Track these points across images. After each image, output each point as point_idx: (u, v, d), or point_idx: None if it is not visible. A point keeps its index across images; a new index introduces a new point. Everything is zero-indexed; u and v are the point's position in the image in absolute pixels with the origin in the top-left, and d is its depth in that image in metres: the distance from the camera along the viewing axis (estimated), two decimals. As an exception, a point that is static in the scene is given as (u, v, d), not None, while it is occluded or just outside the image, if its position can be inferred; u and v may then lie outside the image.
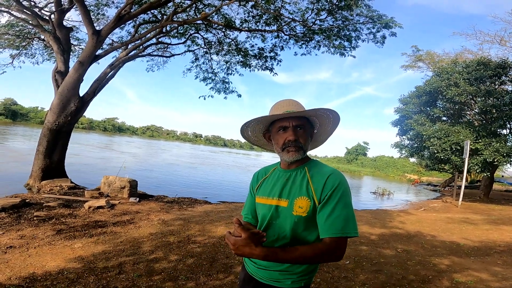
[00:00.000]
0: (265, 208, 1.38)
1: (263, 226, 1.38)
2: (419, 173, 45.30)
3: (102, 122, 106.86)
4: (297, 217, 1.27)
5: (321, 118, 1.40)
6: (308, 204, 1.26)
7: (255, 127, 1.47)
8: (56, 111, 8.66)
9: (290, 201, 1.30)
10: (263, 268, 1.35)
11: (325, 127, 1.45)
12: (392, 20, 10.11)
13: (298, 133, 1.33)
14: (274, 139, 1.39)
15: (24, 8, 9.28)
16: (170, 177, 15.88)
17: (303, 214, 1.26)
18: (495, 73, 14.26)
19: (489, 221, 9.08)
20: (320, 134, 1.51)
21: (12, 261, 3.35)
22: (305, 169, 1.36)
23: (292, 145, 1.32)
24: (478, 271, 4.29)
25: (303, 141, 1.34)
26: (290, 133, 1.32)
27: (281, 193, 1.34)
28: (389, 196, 18.24)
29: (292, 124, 1.32)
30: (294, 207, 1.28)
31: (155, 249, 4.14)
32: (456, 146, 13.87)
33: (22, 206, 5.65)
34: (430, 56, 25.74)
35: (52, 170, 8.70)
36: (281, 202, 1.33)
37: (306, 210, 1.26)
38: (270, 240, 1.34)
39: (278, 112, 1.34)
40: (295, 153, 1.32)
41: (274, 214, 1.34)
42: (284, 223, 1.30)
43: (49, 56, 13.47)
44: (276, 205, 1.34)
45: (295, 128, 1.33)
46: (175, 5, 9.22)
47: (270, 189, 1.39)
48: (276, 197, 1.35)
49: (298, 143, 1.33)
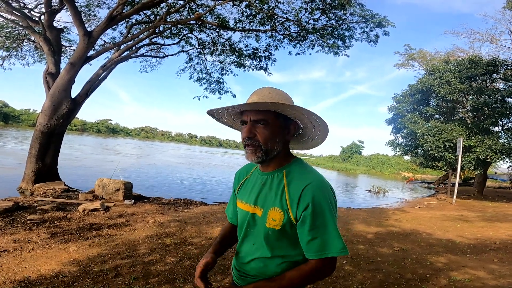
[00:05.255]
0: (243, 214, 1.24)
1: (241, 234, 1.26)
2: (413, 171, 45.64)
3: (96, 124, 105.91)
4: (270, 229, 1.13)
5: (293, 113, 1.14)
6: (281, 217, 1.10)
7: (228, 118, 1.27)
8: (48, 113, 8.54)
9: (264, 210, 1.15)
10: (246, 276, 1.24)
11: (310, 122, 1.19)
12: (385, 19, 10.18)
13: (258, 129, 1.12)
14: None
15: (13, 10, 9.14)
16: (165, 178, 15.79)
17: (276, 227, 1.11)
18: (486, 71, 14.44)
19: (484, 218, 9.16)
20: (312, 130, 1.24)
21: (6, 265, 3.29)
22: (283, 173, 1.16)
23: (248, 144, 1.13)
24: (475, 269, 4.31)
25: (263, 140, 1.11)
26: (245, 129, 1.13)
27: (257, 200, 1.18)
28: (384, 194, 18.37)
29: (249, 118, 1.12)
30: (267, 219, 1.13)
31: (152, 252, 4.10)
32: (449, 143, 14.01)
33: (15, 209, 5.55)
34: (422, 55, 26.00)
35: (45, 173, 8.59)
36: (257, 210, 1.18)
37: (279, 223, 1.11)
38: (249, 249, 1.22)
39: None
40: (252, 155, 1.13)
41: (251, 223, 1.20)
42: (259, 233, 1.17)
43: (40, 58, 13.29)
44: (252, 212, 1.19)
45: (253, 123, 1.12)
46: (168, 6, 9.16)
47: (249, 193, 1.24)
48: (252, 203, 1.20)
49: (255, 142, 1.12)
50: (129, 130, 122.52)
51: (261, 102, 1.10)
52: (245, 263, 1.22)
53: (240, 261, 1.25)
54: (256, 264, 1.19)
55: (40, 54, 13.07)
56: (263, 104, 1.08)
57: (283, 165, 1.18)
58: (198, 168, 24.26)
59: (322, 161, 66.43)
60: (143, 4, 9.01)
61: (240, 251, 1.27)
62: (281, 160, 1.18)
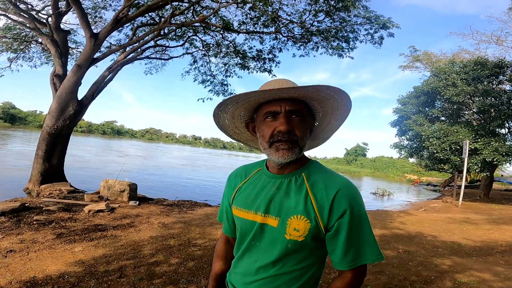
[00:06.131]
0: (246, 224, 1.05)
1: (242, 247, 1.08)
2: (418, 173, 45.37)
3: (101, 126, 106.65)
4: (291, 241, 0.97)
5: (326, 104, 1.02)
6: (307, 227, 0.95)
7: (234, 112, 1.06)
8: (54, 115, 8.63)
9: (282, 220, 0.98)
10: None
11: (329, 117, 1.07)
12: (390, 20, 10.14)
13: (293, 122, 0.97)
14: (259, 130, 1.02)
15: (21, 11, 9.27)
16: (170, 180, 15.85)
17: (299, 239, 0.96)
18: (493, 72, 14.33)
19: (490, 220, 9.08)
20: (323, 129, 1.13)
21: (12, 265, 3.33)
22: (303, 175, 1.01)
23: (284, 139, 0.95)
24: (480, 271, 4.28)
25: (300, 134, 0.97)
26: (281, 121, 0.95)
27: (268, 208, 1.00)
28: (389, 197, 18.25)
29: (285, 109, 0.96)
30: (288, 229, 0.96)
31: (156, 253, 4.12)
32: (455, 145, 13.90)
33: (21, 210, 5.61)
34: (427, 56, 25.85)
35: (51, 174, 8.67)
36: (269, 219, 1.00)
37: (304, 233, 0.95)
38: (250, 267, 1.05)
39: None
40: (288, 152, 0.96)
41: (258, 235, 1.02)
42: (272, 247, 1.00)
43: (47, 60, 13.45)
44: (261, 222, 1.01)
45: (288, 114, 0.96)
46: (173, 8, 9.22)
47: (253, 200, 1.05)
48: (261, 212, 1.01)
49: (293, 136, 0.96)
50: (134, 132, 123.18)
51: (311, 85, 0.91)
52: (248, 283, 1.06)
53: (240, 281, 1.09)
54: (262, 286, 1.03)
55: (47, 56, 13.23)
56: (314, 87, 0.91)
57: (301, 166, 1.04)
58: (202, 170, 24.31)
59: (326, 163, 66.15)
60: (148, 6, 9.09)
61: (238, 266, 1.11)
62: (300, 160, 1.03)
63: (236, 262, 1.13)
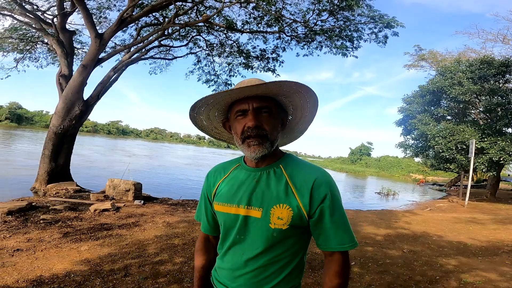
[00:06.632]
0: (230, 218, 1.07)
1: (228, 243, 1.09)
2: (424, 173, 45.03)
3: (106, 125, 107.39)
4: (276, 230, 1.00)
5: (293, 98, 1.07)
6: (290, 215, 0.99)
7: (209, 113, 1.12)
8: (61, 115, 8.71)
9: (265, 210, 1.01)
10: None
11: (301, 110, 1.12)
12: (394, 19, 10.08)
13: (262, 118, 1.01)
14: (233, 128, 1.08)
15: (27, 12, 9.36)
16: (174, 179, 15.91)
17: (283, 227, 1.00)
18: (499, 71, 14.18)
19: (497, 220, 9.00)
20: (298, 121, 1.18)
21: (19, 264, 3.37)
22: (281, 167, 1.06)
23: (254, 134, 1.00)
24: (486, 271, 4.25)
25: (269, 128, 1.02)
26: (249, 117, 1.01)
27: (251, 200, 1.04)
28: (394, 196, 18.15)
29: (252, 106, 1.01)
30: (272, 219, 1.00)
31: (160, 252, 4.15)
32: (461, 145, 13.79)
33: (28, 209, 5.68)
34: (433, 55, 25.65)
35: (58, 173, 8.76)
36: (252, 211, 1.03)
37: (288, 221, 0.99)
38: (238, 261, 1.06)
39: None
40: (259, 147, 1.01)
41: (242, 228, 1.05)
42: (258, 238, 1.03)
43: (53, 60, 13.57)
44: (244, 215, 1.04)
45: (256, 111, 1.01)
46: (177, 8, 9.25)
47: (234, 194, 1.07)
48: (243, 204, 1.04)
49: (262, 131, 1.01)
50: (139, 132, 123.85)
51: (272, 82, 0.97)
52: (237, 277, 1.07)
53: (228, 276, 1.10)
54: (252, 279, 1.05)
55: (53, 56, 13.34)
56: (275, 84, 0.97)
57: (278, 159, 1.09)
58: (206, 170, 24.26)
59: (330, 162, 66.02)
60: (152, 7, 9.14)
61: (224, 261, 1.12)
62: (275, 153, 1.09)
63: (221, 258, 1.14)
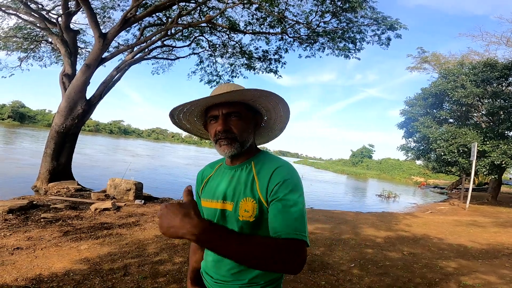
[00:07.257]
0: (210, 213, 1.16)
1: None
2: (425, 176, 44.88)
3: (108, 125, 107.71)
4: (244, 222, 1.06)
5: (261, 101, 1.15)
6: (254, 207, 1.05)
7: (189, 119, 1.24)
8: (63, 114, 8.75)
9: (235, 204, 1.09)
10: (220, 282, 1.14)
11: (275, 111, 1.20)
12: (397, 21, 10.07)
13: (231, 122, 1.11)
14: (208, 131, 1.19)
15: (31, 11, 9.41)
16: (175, 179, 15.93)
17: (250, 219, 1.06)
18: (502, 74, 14.13)
19: (497, 223, 8.96)
20: (275, 121, 1.26)
21: (19, 262, 3.38)
22: (252, 164, 1.14)
23: (223, 137, 1.10)
24: (486, 274, 4.23)
25: (238, 131, 1.10)
26: (219, 122, 1.11)
27: (225, 195, 1.13)
28: (395, 199, 18.11)
29: (221, 112, 1.10)
30: (240, 211, 1.07)
31: (160, 251, 4.16)
32: (463, 148, 13.74)
33: (29, 207, 5.70)
34: (436, 58, 25.55)
35: (59, 172, 8.79)
36: (227, 205, 1.12)
37: (253, 213, 1.05)
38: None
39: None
40: (228, 147, 1.10)
41: (220, 221, 1.13)
42: None
43: (57, 59, 13.62)
44: (221, 209, 1.13)
45: (226, 116, 1.10)
46: (180, 8, 9.28)
47: (215, 190, 1.18)
48: (220, 199, 1.14)
49: (231, 134, 1.10)
50: (140, 132, 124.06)
51: (234, 90, 1.05)
52: (219, 268, 1.14)
53: (213, 267, 1.17)
54: (232, 270, 1.11)
55: (56, 56, 13.39)
56: (237, 92, 1.05)
57: (251, 156, 1.17)
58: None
59: (331, 164, 65.97)
60: (156, 7, 9.17)
61: (209, 254, 1.20)
62: (249, 152, 1.17)
63: (206, 250, 1.23)
